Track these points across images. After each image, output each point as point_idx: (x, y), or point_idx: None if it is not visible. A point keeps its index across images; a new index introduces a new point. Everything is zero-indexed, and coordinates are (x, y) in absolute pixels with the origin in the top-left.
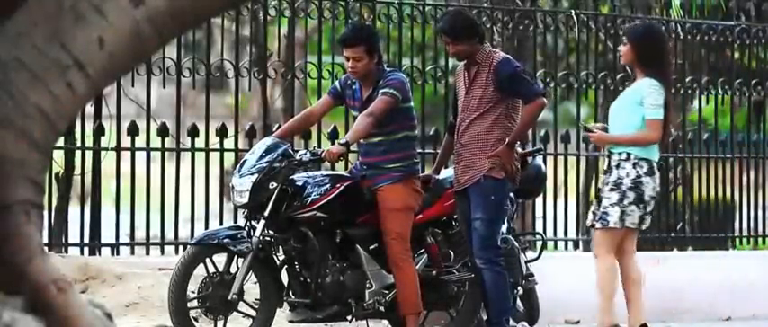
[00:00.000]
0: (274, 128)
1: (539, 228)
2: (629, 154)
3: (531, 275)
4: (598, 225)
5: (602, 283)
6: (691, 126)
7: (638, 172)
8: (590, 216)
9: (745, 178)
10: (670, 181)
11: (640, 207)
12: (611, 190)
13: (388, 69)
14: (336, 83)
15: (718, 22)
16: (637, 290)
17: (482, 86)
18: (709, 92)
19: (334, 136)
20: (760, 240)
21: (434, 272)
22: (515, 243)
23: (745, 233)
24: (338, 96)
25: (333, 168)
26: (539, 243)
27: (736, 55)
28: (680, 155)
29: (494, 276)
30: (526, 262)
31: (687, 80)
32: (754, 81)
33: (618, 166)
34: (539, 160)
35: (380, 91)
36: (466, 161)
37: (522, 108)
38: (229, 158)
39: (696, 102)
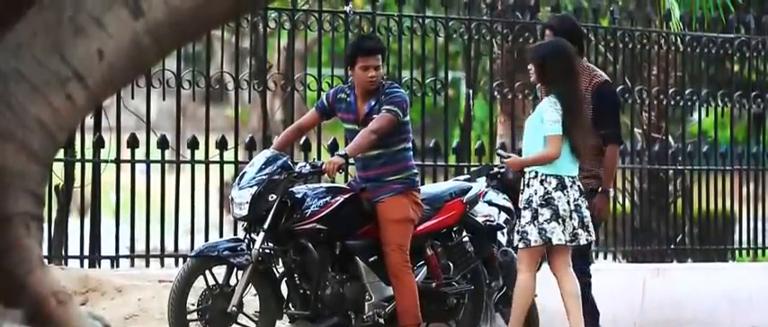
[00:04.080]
0: (273, 141)
1: None
2: (536, 171)
3: None
4: (521, 245)
5: (515, 297)
6: (690, 138)
7: (546, 188)
8: (515, 235)
9: (744, 190)
10: (670, 193)
11: (560, 222)
12: (524, 208)
13: (386, 82)
14: (323, 97)
15: (718, 35)
16: (574, 302)
17: None
18: (709, 105)
19: (333, 148)
20: (760, 252)
21: (434, 284)
22: (515, 256)
23: (744, 245)
24: (325, 111)
25: (333, 180)
26: None
27: (736, 67)
28: (680, 167)
29: (582, 282)
30: None
31: (687, 92)
32: (753, 93)
33: (528, 185)
34: None
35: (384, 107)
36: None
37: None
38: (229, 170)
39: (696, 115)
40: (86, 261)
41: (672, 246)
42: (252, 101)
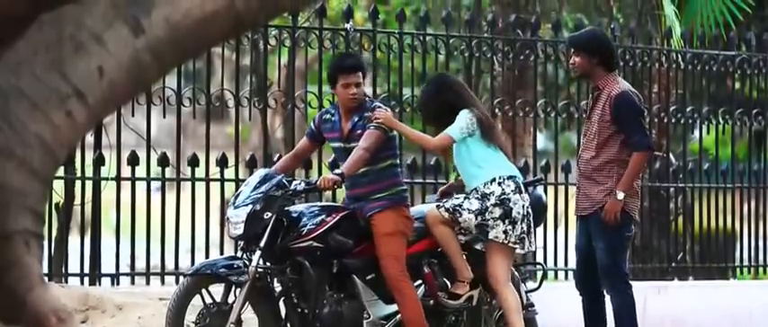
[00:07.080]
0: (275, 159)
1: (539, 258)
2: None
3: (532, 305)
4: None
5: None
6: (692, 155)
7: (504, 189)
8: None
9: (745, 208)
10: (671, 211)
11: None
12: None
13: (368, 99)
14: (311, 124)
15: (719, 52)
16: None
17: (600, 114)
18: (711, 122)
19: (333, 167)
20: (761, 269)
21: (432, 302)
22: (516, 273)
23: (745, 262)
24: (315, 137)
25: (333, 197)
26: (539, 273)
27: (737, 84)
28: (681, 185)
29: (620, 301)
30: (526, 292)
31: (688, 110)
32: (754, 110)
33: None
34: (539, 190)
35: (370, 125)
36: (584, 189)
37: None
38: (230, 188)
39: (697, 132)
40: (87, 279)
41: (673, 264)
42: (252, 119)
